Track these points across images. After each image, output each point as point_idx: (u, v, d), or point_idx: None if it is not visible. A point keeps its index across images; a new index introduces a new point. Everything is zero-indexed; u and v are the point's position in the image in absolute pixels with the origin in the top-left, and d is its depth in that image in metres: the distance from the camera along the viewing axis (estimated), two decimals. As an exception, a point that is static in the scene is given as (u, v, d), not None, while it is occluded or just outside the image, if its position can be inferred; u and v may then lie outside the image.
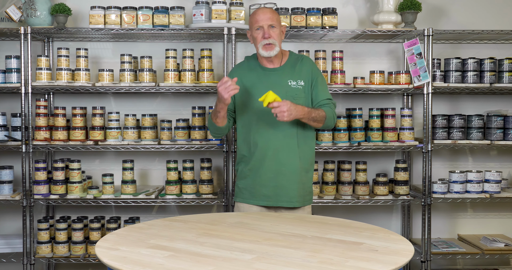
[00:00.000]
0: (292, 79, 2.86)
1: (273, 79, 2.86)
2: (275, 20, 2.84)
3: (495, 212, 4.29)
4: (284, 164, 2.83)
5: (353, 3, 4.18)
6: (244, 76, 2.90)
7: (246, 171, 2.89)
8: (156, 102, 4.16)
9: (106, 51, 4.14)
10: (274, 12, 2.86)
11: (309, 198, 2.94)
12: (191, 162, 3.80)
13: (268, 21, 2.81)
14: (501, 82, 3.89)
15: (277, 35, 2.83)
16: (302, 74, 2.89)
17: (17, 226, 4.07)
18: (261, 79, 2.87)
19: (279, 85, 2.84)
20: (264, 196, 2.86)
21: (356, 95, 4.16)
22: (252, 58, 2.99)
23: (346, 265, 1.85)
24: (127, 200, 3.75)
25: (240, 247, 2.06)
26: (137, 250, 2.03)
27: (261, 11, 2.85)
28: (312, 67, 2.93)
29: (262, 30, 2.81)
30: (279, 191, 2.84)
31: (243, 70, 2.94)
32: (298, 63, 2.92)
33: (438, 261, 4.24)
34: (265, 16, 2.81)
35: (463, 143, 3.88)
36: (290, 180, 2.84)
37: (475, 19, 4.19)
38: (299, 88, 2.85)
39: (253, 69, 2.92)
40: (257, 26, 2.82)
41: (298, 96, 2.83)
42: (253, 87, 2.86)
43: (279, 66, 2.90)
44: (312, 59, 3.04)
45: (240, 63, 3.06)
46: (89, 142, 3.72)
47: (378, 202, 3.84)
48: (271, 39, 2.80)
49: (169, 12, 3.76)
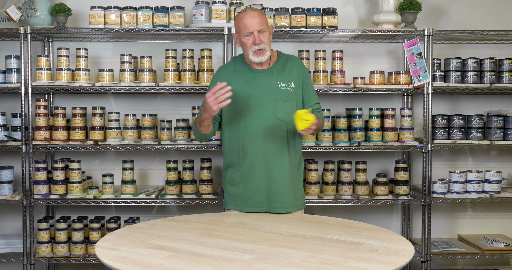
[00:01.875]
0: (282, 81, 2.76)
1: (262, 81, 2.76)
2: (264, 24, 2.71)
3: (495, 212, 4.29)
4: (275, 169, 2.74)
5: (353, 3, 4.18)
6: (231, 79, 2.75)
7: (236, 177, 2.78)
8: (156, 102, 4.16)
9: (106, 51, 4.14)
10: (261, 14, 2.73)
11: (302, 202, 2.85)
12: (191, 162, 3.80)
13: (258, 26, 2.68)
14: (501, 82, 3.89)
15: (267, 39, 2.73)
16: (292, 75, 2.79)
17: (17, 226, 4.07)
18: (249, 82, 2.76)
19: (268, 87, 2.74)
20: (258, 203, 2.76)
21: (356, 95, 4.16)
22: (239, 59, 2.86)
23: (346, 265, 1.85)
24: (127, 200, 3.75)
25: (240, 247, 2.06)
26: (137, 250, 2.03)
27: (249, 15, 2.69)
28: (302, 68, 2.84)
29: (252, 36, 2.70)
30: (272, 197, 2.75)
31: (229, 73, 2.81)
32: (288, 64, 2.82)
33: (438, 261, 4.24)
34: (254, 21, 2.67)
35: (463, 143, 3.88)
36: (282, 185, 2.75)
37: (475, 19, 4.19)
38: (289, 90, 2.76)
39: (240, 71, 2.80)
40: (247, 33, 2.69)
41: (288, 99, 2.74)
42: (241, 91, 2.74)
43: (268, 67, 2.80)
44: (300, 59, 2.93)
45: (225, 64, 2.91)
46: (89, 142, 3.72)
47: (378, 202, 3.84)
48: (262, 44, 2.69)
49: (169, 12, 3.76)
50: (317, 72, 3.79)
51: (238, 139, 2.76)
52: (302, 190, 2.87)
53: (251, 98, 2.73)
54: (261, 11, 2.74)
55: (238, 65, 2.83)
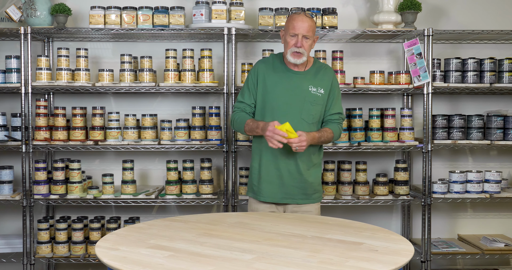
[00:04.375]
0: (313, 85, 2.92)
1: (295, 82, 2.92)
2: (311, 31, 2.88)
3: (495, 212, 4.29)
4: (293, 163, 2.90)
5: (353, 3, 4.18)
6: (267, 74, 2.95)
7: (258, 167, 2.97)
8: (156, 102, 4.16)
9: (106, 51, 4.14)
10: (312, 22, 2.90)
11: (318, 196, 3.00)
12: (191, 162, 3.80)
13: (305, 31, 2.85)
14: (501, 82, 3.89)
15: (308, 46, 2.89)
16: (323, 82, 2.95)
17: (17, 226, 4.07)
18: (283, 80, 2.93)
19: (300, 88, 2.91)
20: (271, 193, 2.92)
21: (356, 95, 4.16)
22: (278, 57, 3.02)
23: (346, 265, 1.85)
24: (127, 200, 3.75)
25: (240, 247, 2.06)
26: (137, 250, 2.03)
27: (300, 18, 2.87)
28: (333, 78, 3.00)
29: (296, 38, 2.86)
30: (286, 189, 2.91)
31: (267, 68, 2.98)
32: (321, 71, 2.98)
33: (438, 261, 4.24)
34: (303, 25, 2.85)
35: (463, 143, 3.88)
36: (298, 179, 2.91)
37: (475, 19, 4.19)
38: (318, 95, 2.92)
39: (277, 69, 2.97)
40: (293, 33, 2.86)
41: (315, 103, 2.91)
42: (275, 87, 2.92)
43: (303, 71, 2.96)
44: (333, 70, 3.10)
45: (265, 58, 3.09)
46: (89, 142, 3.72)
47: (378, 202, 3.84)
48: (302, 49, 2.85)
49: (169, 12, 3.76)
50: (317, 72, 3.79)
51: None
52: (320, 185, 3.04)
53: (282, 95, 2.90)
54: (313, 19, 2.91)
55: (276, 63, 2.99)
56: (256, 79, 2.96)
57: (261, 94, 2.95)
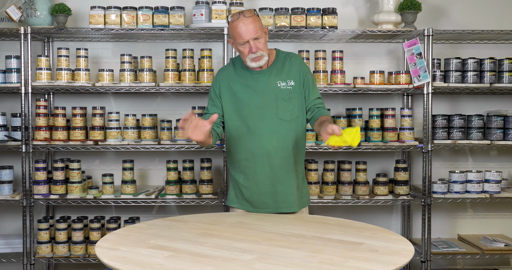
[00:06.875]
0: (281, 80, 2.73)
1: (261, 82, 2.73)
2: (259, 29, 2.63)
3: (495, 212, 4.29)
4: (280, 169, 2.72)
5: (353, 3, 4.18)
6: (232, 82, 2.75)
7: (241, 180, 2.78)
8: (156, 102, 4.16)
9: (106, 51, 4.14)
10: (255, 20, 2.65)
11: (306, 199, 2.86)
12: (191, 162, 3.80)
13: (252, 34, 2.61)
14: (501, 82, 3.89)
15: (263, 45, 2.68)
16: (291, 73, 2.76)
17: (17, 226, 4.07)
18: (250, 84, 2.74)
19: (268, 87, 2.72)
20: (264, 204, 2.75)
21: (356, 95, 4.16)
22: (238, 61, 2.83)
23: (346, 265, 1.85)
24: (127, 200, 3.75)
25: (240, 247, 2.06)
26: (137, 250, 2.03)
27: (242, 23, 2.61)
28: (301, 65, 2.79)
29: (247, 45, 2.65)
30: (278, 197, 2.74)
31: (229, 75, 2.78)
32: (287, 62, 2.78)
33: (438, 261, 4.24)
34: (248, 29, 2.60)
35: (463, 143, 3.88)
36: (287, 185, 2.74)
37: (475, 19, 4.19)
38: (289, 89, 2.73)
39: (240, 74, 2.76)
40: (242, 42, 2.63)
41: (289, 97, 2.72)
42: (243, 93, 2.73)
43: (266, 68, 2.76)
44: (300, 56, 2.90)
45: (225, 67, 2.87)
46: (89, 142, 3.72)
47: (378, 202, 3.84)
48: (259, 52, 2.65)
49: (169, 12, 3.76)
50: (317, 72, 3.79)
51: (240, 142, 2.74)
52: (307, 187, 2.89)
53: (251, 100, 2.71)
54: (254, 16, 2.66)
55: (237, 67, 2.80)
56: (219, 89, 2.77)
57: (232, 104, 2.73)
